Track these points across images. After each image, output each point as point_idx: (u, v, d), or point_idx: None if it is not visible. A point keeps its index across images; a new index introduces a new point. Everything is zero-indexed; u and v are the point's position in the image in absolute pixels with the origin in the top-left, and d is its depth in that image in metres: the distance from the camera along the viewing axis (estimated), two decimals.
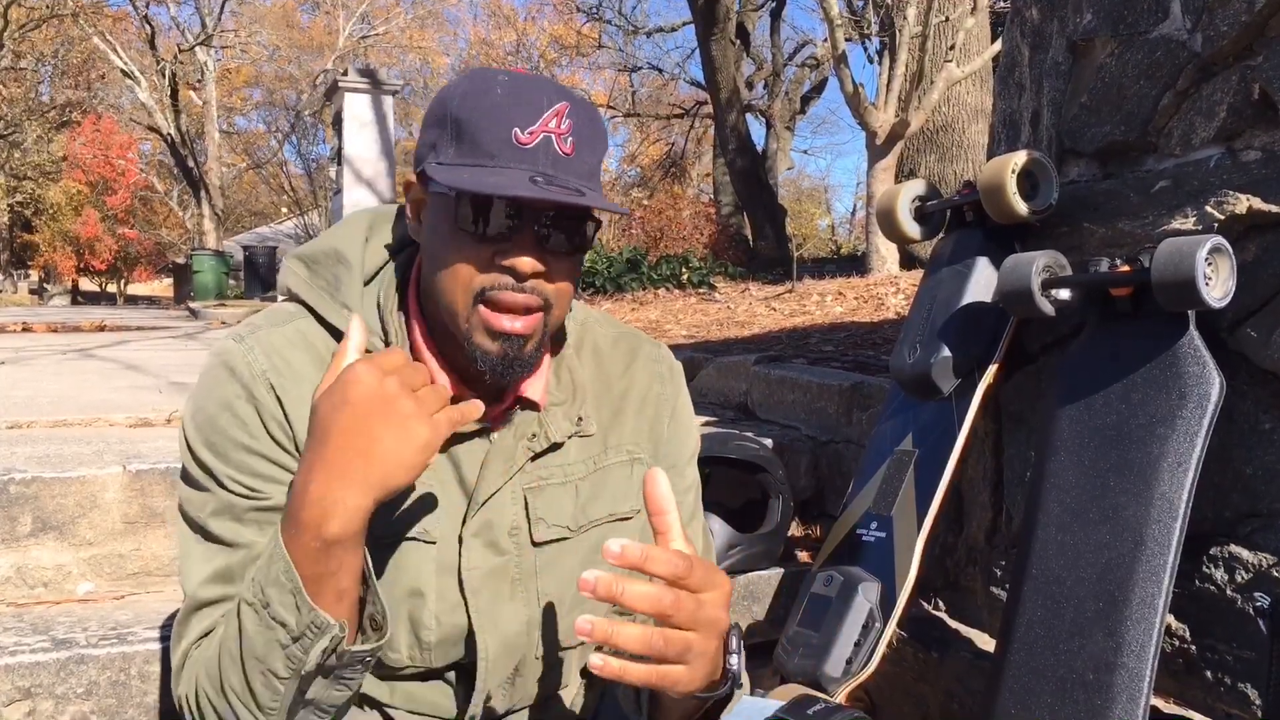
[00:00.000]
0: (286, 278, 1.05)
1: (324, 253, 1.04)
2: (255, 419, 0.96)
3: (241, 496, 0.96)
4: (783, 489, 2.03)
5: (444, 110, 0.95)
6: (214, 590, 0.96)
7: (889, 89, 8.58)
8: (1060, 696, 1.40)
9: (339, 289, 1.02)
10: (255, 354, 0.98)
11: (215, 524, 0.97)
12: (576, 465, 1.09)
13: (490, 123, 0.93)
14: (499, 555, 1.04)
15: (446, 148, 0.95)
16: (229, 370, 0.97)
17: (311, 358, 0.99)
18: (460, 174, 0.92)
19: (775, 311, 5.93)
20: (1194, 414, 1.39)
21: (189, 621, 0.97)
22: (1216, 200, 1.47)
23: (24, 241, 28.41)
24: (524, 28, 29.06)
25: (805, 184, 39.60)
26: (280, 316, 1.02)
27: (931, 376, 1.75)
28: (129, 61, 22.92)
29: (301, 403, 0.96)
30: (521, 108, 0.93)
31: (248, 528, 0.96)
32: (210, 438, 0.96)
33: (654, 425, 1.16)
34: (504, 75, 0.97)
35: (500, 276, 0.94)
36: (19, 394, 3.00)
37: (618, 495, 1.11)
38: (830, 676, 1.67)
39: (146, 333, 7.06)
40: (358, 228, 1.06)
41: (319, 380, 0.96)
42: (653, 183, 22.65)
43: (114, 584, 1.79)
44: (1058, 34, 1.85)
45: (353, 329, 0.93)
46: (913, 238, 1.99)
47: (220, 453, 0.96)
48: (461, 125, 0.94)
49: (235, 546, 0.96)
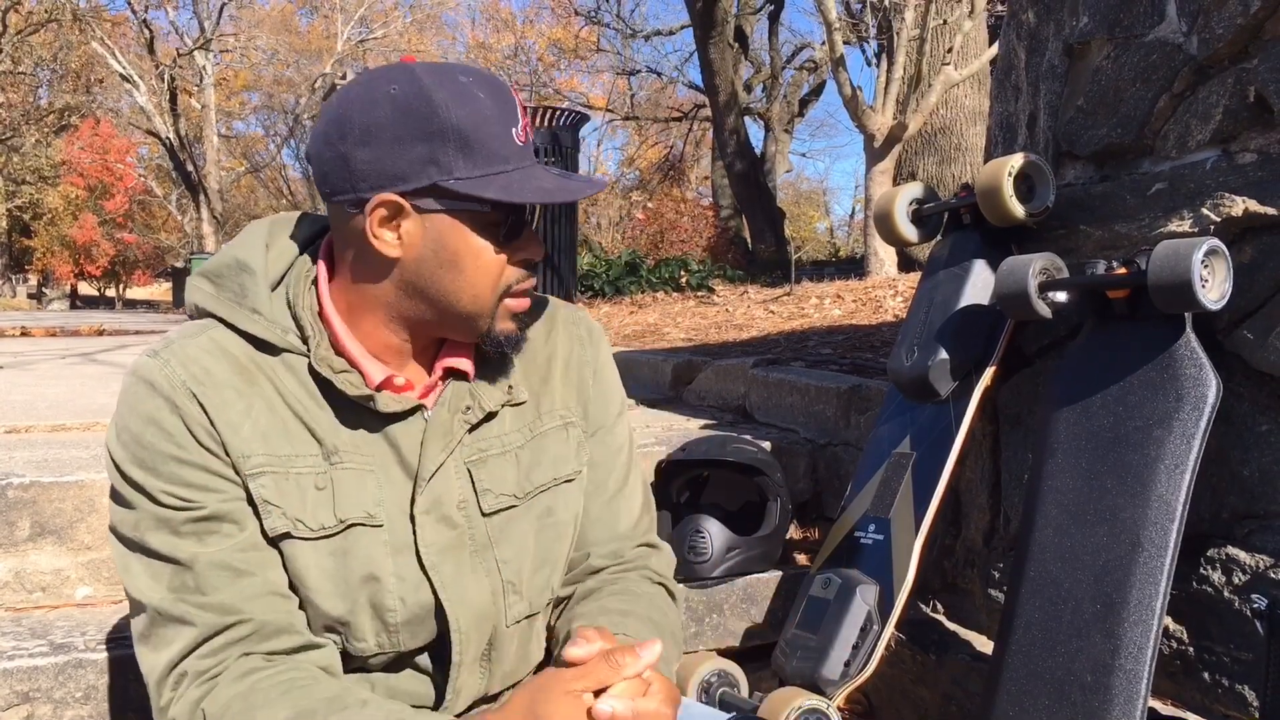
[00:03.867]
0: (193, 295, 1.05)
1: (226, 265, 1.05)
2: (181, 429, 0.96)
3: (176, 509, 0.96)
4: (781, 492, 2.04)
5: (437, 123, 0.94)
6: (180, 606, 0.96)
7: (887, 92, 8.59)
8: (1058, 698, 1.40)
9: (245, 296, 1.02)
10: (173, 366, 0.98)
11: (154, 539, 0.97)
12: (513, 434, 1.11)
13: (492, 128, 0.94)
14: (452, 529, 1.06)
15: (452, 160, 0.94)
16: (148, 385, 0.97)
17: (229, 364, 1.00)
18: (490, 185, 0.95)
19: (774, 314, 5.93)
20: (1191, 416, 1.39)
21: (158, 631, 0.97)
22: (1213, 202, 1.47)
23: (22, 246, 28.41)
24: (522, 31, 29.10)
25: (804, 187, 39.65)
26: (192, 329, 1.02)
27: (929, 379, 1.75)
28: (127, 66, 22.94)
29: (225, 408, 0.97)
30: (503, 105, 0.96)
31: (185, 540, 0.97)
32: (138, 454, 0.96)
33: (580, 388, 1.17)
34: (466, 75, 0.97)
35: (520, 270, 1.02)
36: (17, 398, 3.00)
37: (558, 459, 1.13)
38: (828, 679, 1.67)
39: (145, 337, 7.06)
40: (257, 236, 1.07)
41: (238, 385, 0.99)
42: (651, 186, 22.66)
43: (112, 588, 1.79)
44: (1054, 37, 1.86)
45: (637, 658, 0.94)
46: (910, 240, 1.99)
47: (150, 467, 0.96)
48: (466, 135, 0.94)
49: (178, 560, 0.96)
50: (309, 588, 1.00)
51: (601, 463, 1.18)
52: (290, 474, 0.99)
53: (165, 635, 0.97)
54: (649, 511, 1.24)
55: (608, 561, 1.17)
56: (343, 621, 1.02)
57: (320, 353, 1.01)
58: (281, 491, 0.99)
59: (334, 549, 1.01)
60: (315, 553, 1.00)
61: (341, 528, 1.01)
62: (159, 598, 0.96)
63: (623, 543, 1.18)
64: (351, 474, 1.02)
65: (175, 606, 0.96)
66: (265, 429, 0.99)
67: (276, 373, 1.01)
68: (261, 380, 1.01)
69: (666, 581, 1.21)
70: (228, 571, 0.97)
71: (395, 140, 0.94)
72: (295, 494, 0.99)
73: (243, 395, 0.99)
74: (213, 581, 0.96)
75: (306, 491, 1.00)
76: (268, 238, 1.07)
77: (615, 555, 1.18)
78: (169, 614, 0.96)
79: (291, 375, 1.02)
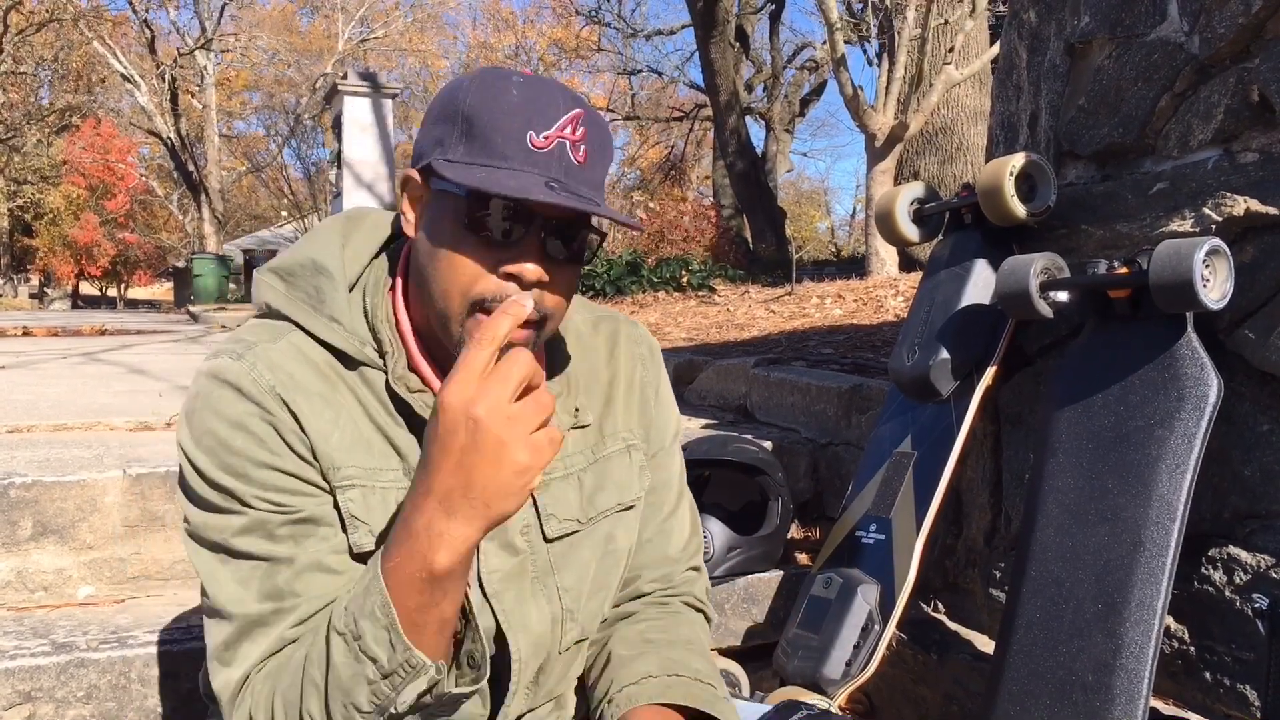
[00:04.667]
0: (264, 293, 1.01)
1: (300, 264, 1.01)
2: (273, 434, 0.93)
3: (271, 513, 0.93)
4: (782, 491, 2.04)
5: (454, 106, 0.93)
6: (264, 608, 0.93)
7: (888, 91, 8.59)
8: (1059, 698, 1.40)
9: (322, 301, 0.99)
10: (259, 370, 0.94)
11: (243, 542, 0.93)
12: (575, 457, 1.08)
13: (505, 123, 0.91)
14: (515, 555, 1.04)
15: (455, 145, 0.92)
16: (234, 389, 0.93)
17: (311, 371, 0.97)
18: (472, 172, 0.90)
19: (775, 314, 5.93)
20: (1192, 415, 1.39)
21: (241, 644, 0.93)
22: (1214, 202, 1.47)
23: (24, 246, 28.42)
24: (523, 31, 29.10)
25: (805, 186, 39.65)
26: (271, 332, 0.99)
27: (930, 378, 1.75)
28: (129, 66, 22.94)
29: (313, 415, 0.95)
30: (537, 111, 0.91)
31: (282, 544, 0.93)
32: (226, 460, 0.93)
33: (642, 409, 1.15)
34: (519, 76, 0.94)
35: (502, 286, 0.92)
36: (19, 398, 3.00)
37: (622, 485, 1.11)
38: (829, 679, 1.67)
39: (147, 336, 7.07)
40: (333, 234, 1.04)
41: (324, 393, 0.96)
42: (652, 185, 22.65)
43: (114, 588, 1.79)
44: (1055, 36, 1.86)
45: (481, 329, 0.86)
46: (911, 240, 1.99)
47: (240, 473, 0.93)
48: (473, 123, 0.91)
49: (274, 561, 0.93)
50: None
51: (658, 486, 1.16)
52: (376, 488, 0.97)
53: (248, 651, 0.92)
54: (697, 534, 1.23)
55: (657, 585, 1.17)
56: None
57: (398, 370, 0.98)
58: (368, 506, 0.96)
59: None
60: None
61: None
62: (254, 610, 0.92)
63: (673, 566, 1.18)
64: None
65: (269, 618, 0.92)
66: (351, 440, 0.97)
67: (356, 383, 0.99)
68: (343, 389, 0.98)
69: (706, 608, 1.21)
70: (325, 573, 0.94)
71: (428, 122, 0.96)
72: (380, 510, 0.97)
73: (330, 404, 0.96)
74: (310, 583, 0.93)
75: (390, 508, 0.97)
76: (343, 236, 1.04)
77: (665, 580, 1.17)
78: (260, 625, 0.92)
79: (368, 388, 0.99)
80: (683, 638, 1.12)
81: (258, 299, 1.03)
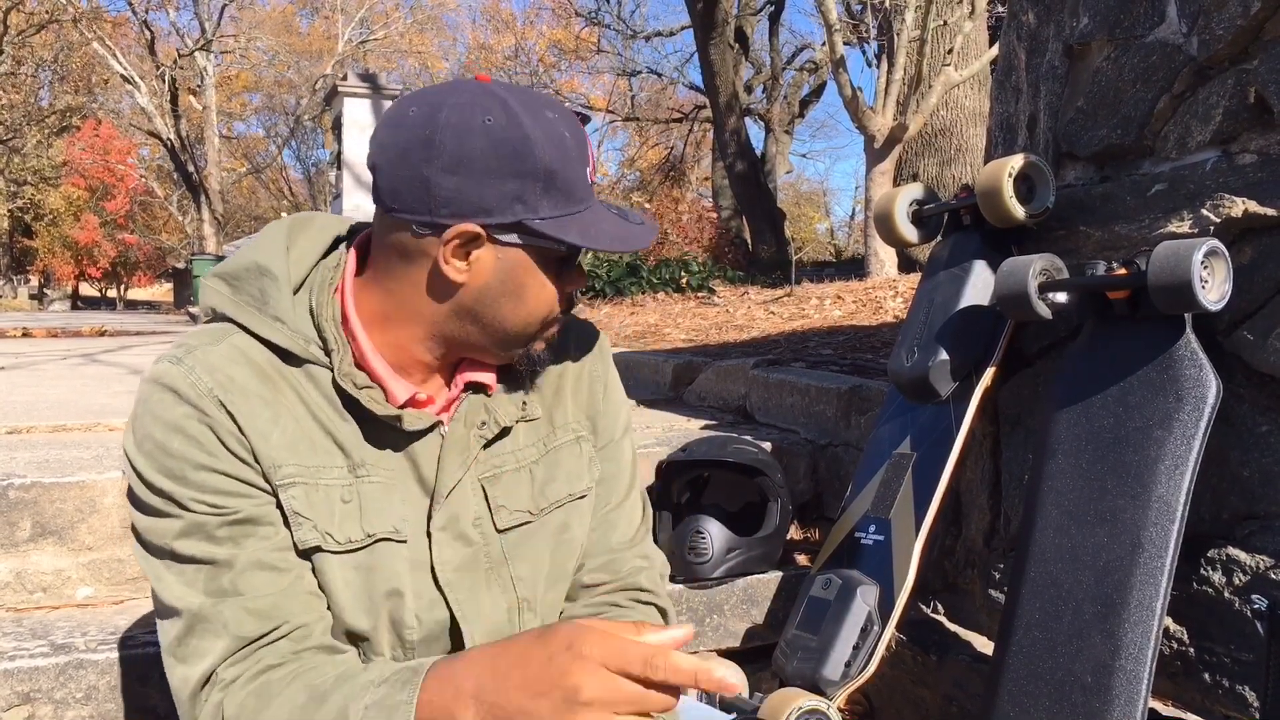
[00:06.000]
0: (209, 297, 1.02)
1: (245, 268, 1.02)
2: (210, 436, 0.94)
3: (209, 515, 0.95)
4: (781, 492, 2.04)
5: (530, 163, 0.94)
6: (209, 602, 0.94)
7: (887, 93, 8.59)
8: (1058, 699, 1.41)
9: (266, 302, 1.00)
10: (198, 373, 0.95)
11: (184, 545, 0.95)
12: (527, 450, 1.10)
13: (575, 169, 0.96)
14: (468, 546, 1.05)
15: (538, 200, 0.95)
16: (172, 393, 0.95)
17: (253, 372, 0.98)
18: (570, 228, 0.96)
19: (774, 315, 5.93)
20: (1191, 416, 1.40)
21: (191, 639, 0.94)
22: (1213, 203, 1.47)
23: (23, 247, 28.43)
24: (522, 32, 29.10)
25: (804, 187, 39.62)
26: (213, 335, 1.00)
27: (929, 379, 1.75)
28: (128, 67, 22.95)
29: (252, 416, 0.96)
30: (581, 145, 0.98)
31: (222, 545, 0.95)
32: (164, 463, 0.94)
33: (590, 403, 1.17)
34: (550, 110, 0.97)
35: (566, 299, 1.04)
36: (19, 399, 3.00)
37: (572, 475, 1.13)
38: (829, 679, 1.67)
39: (147, 338, 7.07)
40: (277, 238, 1.04)
41: (264, 394, 0.97)
42: (651, 187, 22.66)
43: (113, 589, 1.79)
44: (1054, 38, 1.86)
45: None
46: (910, 241, 1.99)
47: (178, 476, 0.94)
48: (554, 176, 0.95)
49: (215, 564, 0.95)
50: (334, 602, 0.99)
51: (607, 478, 1.17)
52: (319, 485, 0.98)
53: (200, 646, 0.94)
54: (645, 523, 1.23)
55: (602, 577, 1.16)
56: (363, 636, 1.01)
57: (344, 368, 0.99)
58: (311, 503, 0.98)
59: (358, 564, 1.00)
60: (341, 567, 0.99)
61: (369, 542, 1.00)
62: (196, 603, 0.94)
63: (615, 554, 1.17)
64: (378, 488, 1.01)
65: (214, 611, 0.94)
66: (293, 439, 0.98)
67: (299, 382, 1.00)
68: (285, 389, 0.99)
69: (656, 599, 1.19)
70: (268, 571, 0.95)
71: (486, 173, 0.94)
72: (324, 506, 0.98)
73: (269, 404, 0.97)
74: (252, 582, 0.95)
75: (334, 504, 0.99)
76: (288, 240, 1.05)
77: (610, 570, 1.17)
78: (207, 620, 0.94)
79: (314, 385, 1.00)
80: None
81: (204, 304, 1.04)
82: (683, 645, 0.82)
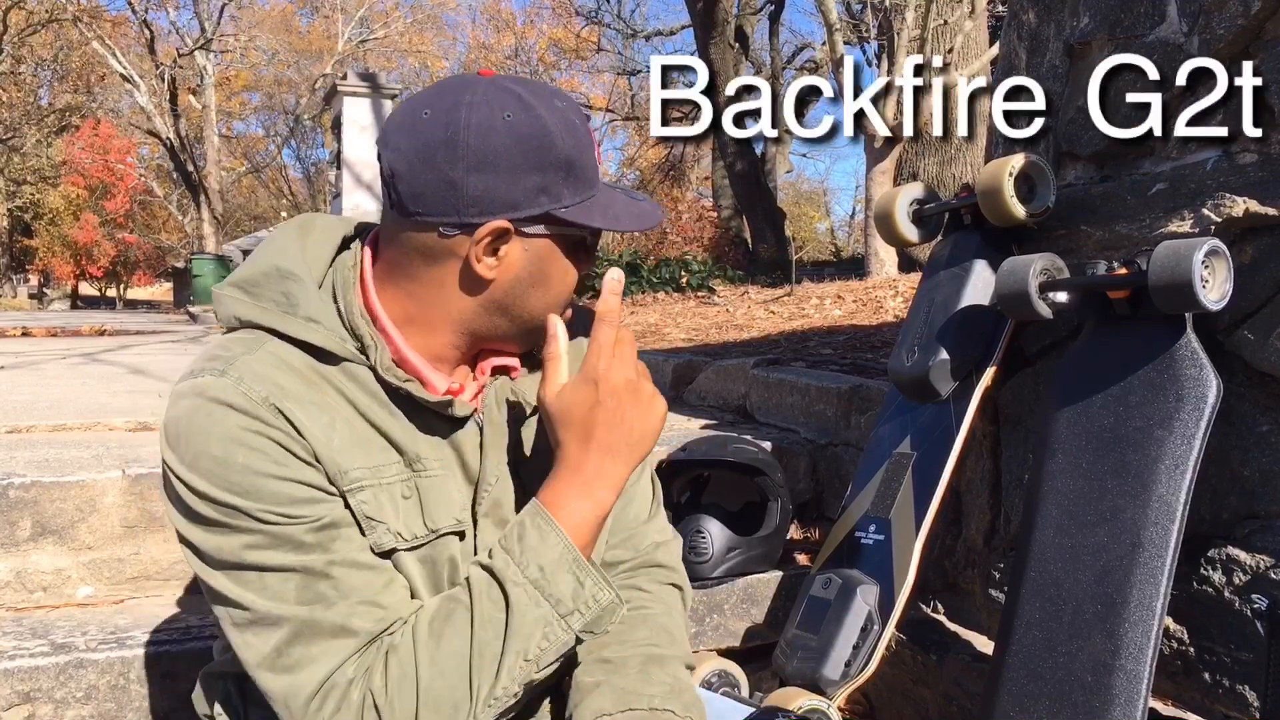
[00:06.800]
0: (231, 306, 1.00)
1: (264, 273, 1.00)
2: (275, 446, 0.92)
3: (288, 525, 0.92)
4: (781, 492, 2.04)
5: (552, 155, 0.95)
6: (311, 610, 0.92)
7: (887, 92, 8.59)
8: (1058, 699, 1.41)
9: (295, 304, 0.98)
10: (248, 382, 0.93)
11: (264, 557, 0.92)
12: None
13: (588, 155, 0.99)
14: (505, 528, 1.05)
15: (561, 189, 0.97)
16: (224, 406, 0.92)
17: (296, 378, 0.96)
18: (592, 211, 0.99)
19: (774, 314, 5.93)
20: (1191, 416, 1.39)
21: (295, 648, 0.91)
22: (1213, 203, 1.47)
23: (23, 246, 28.42)
24: (522, 32, 29.11)
25: (804, 187, 39.58)
26: (246, 344, 0.97)
27: (929, 379, 1.75)
28: (128, 66, 22.95)
29: (310, 421, 0.94)
30: (588, 131, 1.00)
31: (310, 553, 0.92)
32: (228, 479, 0.91)
33: None
34: (558, 99, 0.99)
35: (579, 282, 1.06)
36: (18, 398, 3.00)
37: None
38: (829, 679, 1.67)
39: (146, 337, 7.07)
40: (289, 240, 1.03)
41: (314, 398, 0.95)
42: (652, 186, 22.66)
43: (113, 588, 1.79)
44: (1055, 37, 1.86)
45: (555, 327, 1.01)
46: (911, 241, 1.99)
47: (246, 490, 0.91)
48: (573, 164, 0.97)
49: (307, 571, 0.92)
50: (415, 594, 1.00)
51: None
52: (383, 485, 0.98)
53: (309, 654, 0.92)
54: (658, 499, 1.24)
55: (621, 554, 1.17)
56: None
57: (385, 362, 0.99)
58: (380, 504, 0.97)
59: (423, 556, 1.01)
60: (411, 561, 1.00)
61: (432, 537, 1.01)
62: (292, 612, 0.92)
63: (633, 530, 1.18)
64: (436, 481, 1.01)
65: (319, 616, 0.92)
66: (350, 441, 0.97)
67: (342, 382, 0.99)
68: (330, 391, 0.98)
69: (675, 578, 1.20)
70: (364, 570, 0.95)
71: (512, 169, 0.94)
72: (390, 506, 0.98)
73: (321, 408, 0.96)
74: (354, 582, 0.93)
75: (397, 501, 0.99)
76: (300, 239, 1.04)
77: (628, 544, 1.17)
78: (314, 625, 0.92)
79: (355, 384, 0.99)
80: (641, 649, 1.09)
81: (224, 314, 1.01)
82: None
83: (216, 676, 1.11)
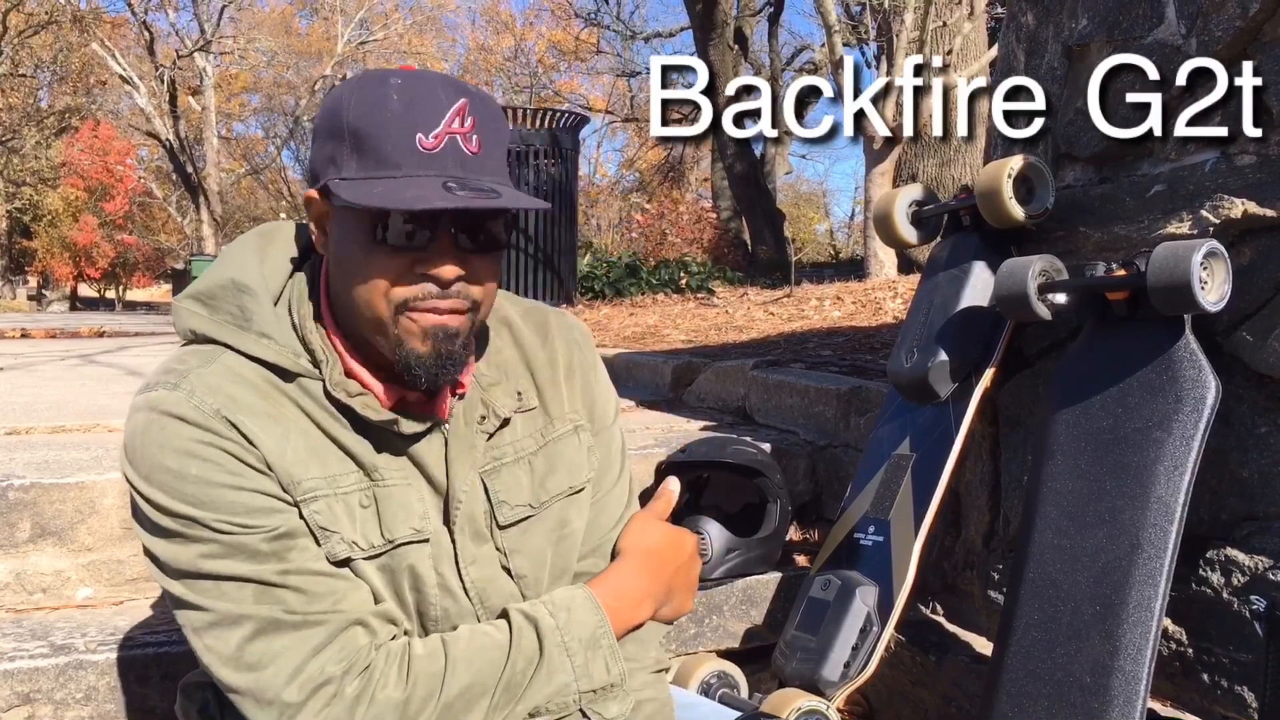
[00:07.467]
0: (188, 320, 1.00)
1: (220, 286, 1.00)
2: (227, 456, 0.93)
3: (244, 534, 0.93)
4: (780, 493, 2.04)
5: (338, 121, 0.93)
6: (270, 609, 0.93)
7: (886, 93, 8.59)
8: (1057, 699, 1.41)
9: (249, 319, 0.98)
10: (200, 395, 0.93)
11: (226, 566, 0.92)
12: (525, 440, 1.10)
13: (391, 131, 0.91)
14: (485, 543, 1.06)
15: (347, 161, 0.93)
16: (176, 419, 0.92)
17: (250, 390, 0.96)
18: (370, 188, 0.90)
19: (773, 316, 5.93)
20: (1190, 417, 1.40)
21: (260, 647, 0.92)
22: (1212, 204, 1.48)
23: (22, 248, 28.40)
24: (522, 33, 29.11)
25: (804, 188, 39.53)
26: (201, 357, 0.97)
27: (929, 380, 1.75)
28: (128, 67, 22.96)
29: (262, 433, 0.94)
30: (421, 111, 0.92)
31: (265, 562, 0.93)
32: (182, 490, 0.92)
33: (584, 390, 1.17)
34: (396, 78, 0.94)
35: (424, 286, 0.94)
36: (18, 400, 3.00)
37: (573, 467, 1.13)
38: (828, 680, 1.67)
39: (145, 339, 7.06)
40: (249, 252, 1.03)
41: (269, 410, 0.96)
42: (651, 188, 22.67)
43: (113, 589, 1.79)
44: (1053, 39, 1.86)
45: (670, 489, 1.21)
46: (910, 242, 1.99)
47: (201, 501, 0.92)
48: (360, 136, 0.92)
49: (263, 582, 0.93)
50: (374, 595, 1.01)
51: (601, 464, 1.18)
52: (338, 495, 0.98)
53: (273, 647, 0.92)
54: (633, 507, 1.23)
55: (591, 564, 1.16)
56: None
57: (335, 377, 0.98)
58: (334, 515, 0.97)
59: (382, 565, 1.00)
60: (371, 570, 1.00)
61: (389, 547, 1.00)
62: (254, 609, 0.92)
63: (604, 538, 1.18)
64: (396, 490, 1.01)
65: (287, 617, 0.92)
66: (305, 453, 0.97)
67: (296, 395, 0.99)
68: (286, 403, 0.98)
69: None
70: (324, 578, 0.95)
71: (317, 138, 0.97)
72: (345, 516, 0.98)
73: (276, 420, 0.96)
74: (314, 589, 0.94)
75: (354, 511, 0.98)
76: (259, 253, 1.03)
77: (598, 551, 1.17)
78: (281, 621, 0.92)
79: (309, 397, 0.99)
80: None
81: (181, 327, 1.01)
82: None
83: (195, 686, 1.11)
